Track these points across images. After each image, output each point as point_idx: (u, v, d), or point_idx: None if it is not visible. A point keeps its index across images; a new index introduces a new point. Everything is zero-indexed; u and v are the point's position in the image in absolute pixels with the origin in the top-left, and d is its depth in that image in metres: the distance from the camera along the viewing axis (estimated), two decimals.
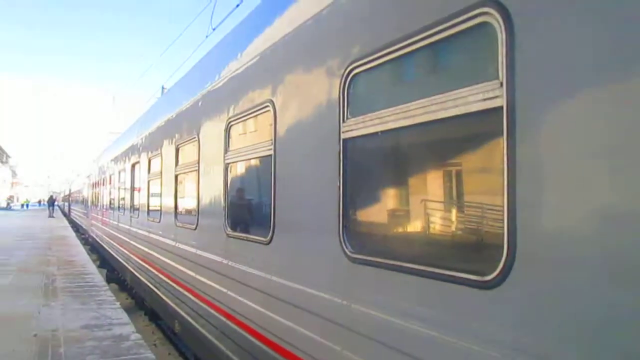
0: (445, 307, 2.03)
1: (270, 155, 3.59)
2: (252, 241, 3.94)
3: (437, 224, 2.46)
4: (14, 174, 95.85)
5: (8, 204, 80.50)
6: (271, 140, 3.60)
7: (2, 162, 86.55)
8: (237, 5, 11.17)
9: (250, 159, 4.16)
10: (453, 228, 2.31)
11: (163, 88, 27.23)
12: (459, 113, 1.98)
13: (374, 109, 2.50)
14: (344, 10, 2.84)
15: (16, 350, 5.54)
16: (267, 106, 3.70)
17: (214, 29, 13.75)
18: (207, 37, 15.16)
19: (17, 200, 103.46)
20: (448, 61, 2.34)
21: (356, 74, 2.67)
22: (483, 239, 2.07)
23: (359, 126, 2.62)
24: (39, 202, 75.16)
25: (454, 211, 2.35)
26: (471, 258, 2.12)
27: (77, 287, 9.49)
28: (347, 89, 2.73)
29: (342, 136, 2.73)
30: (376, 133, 2.49)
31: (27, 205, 70.77)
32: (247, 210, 4.38)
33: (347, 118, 2.72)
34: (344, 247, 2.68)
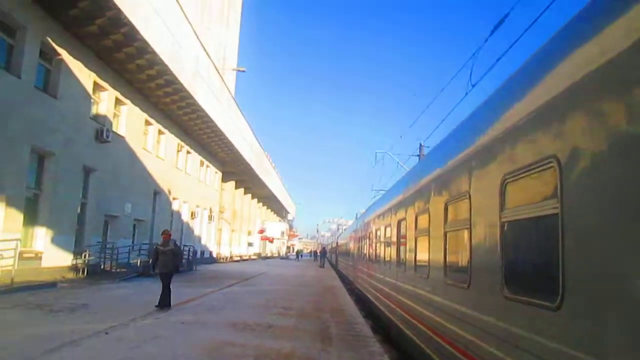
0: None
1: (557, 214, 3.37)
2: (535, 305, 3.69)
3: None
4: (290, 227, 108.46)
5: (286, 254, 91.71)
6: (557, 198, 3.40)
7: (282, 217, 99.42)
8: (497, 61, 11.05)
9: (529, 217, 3.96)
10: None
11: (421, 146, 28.31)
12: None
13: None
14: None
15: None
16: (550, 162, 3.52)
17: (473, 86, 13.76)
18: (466, 93, 15.17)
19: (293, 250, 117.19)
20: None
21: None
22: None
23: None
24: (310, 252, 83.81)
25: None
26: None
27: (348, 335, 10.13)
28: None
29: None
30: None
31: (301, 255, 79.69)
32: (529, 271, 4.13)
33: None
34: None
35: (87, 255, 20.61)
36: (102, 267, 21.91)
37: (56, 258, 18.94)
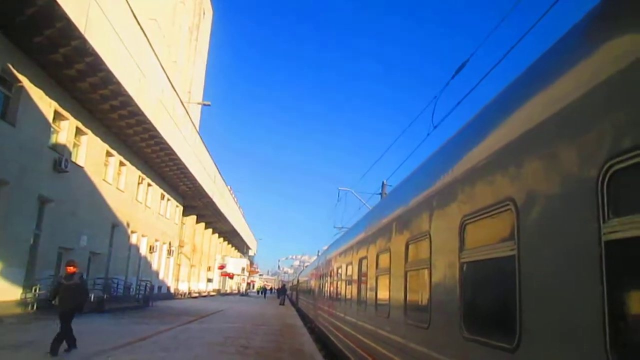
0: None
1: (514, 256, 3.45)
2: (493, 347, 3.72)
3: None
4: (251, 262, 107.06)
5: (246, 290, 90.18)
6: (514, 240, 3.48)
7: (243, 253, 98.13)
8: (457, 104, 11.41)
9: (487, 258, 4.04)
10: None
11: (383, 184, 28.64)
12: None
13: None
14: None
15: None
16: (507, 204, 3.62)
17: (435, 127, 14.12)
18: (428, 134, 15.51)
19: (253, 287, 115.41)
20: None
21: (618, 170, 2.49)
22: None
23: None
24: (270, 289, 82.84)
25: None
26: None
27: None
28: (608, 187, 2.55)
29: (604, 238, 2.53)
30: None
31: (265, 292, 78.51)
32: (487, 312, 4.18)
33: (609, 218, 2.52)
34: None
35: (37, 290, 19.76)
36: (52, 302, 20.95)
37: (3, 292, 18.08)
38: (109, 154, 28.10)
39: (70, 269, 11.17)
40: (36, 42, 17.67)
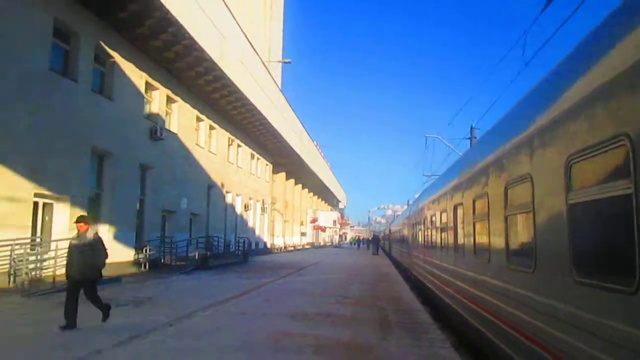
0: None
1: (629, 195, 3.21)
2: (609, 290, 3.53)
3: None
4: (342, 215, 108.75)
5: (339, 242, 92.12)
6: (629, 178, 3.23)
7: (334, 206, 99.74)
8: (552, 36, 10.60)
9: (599, 198, 3.78)
10: None
11: (472, 129, 27.64)
12: None
13: None
14: None
15: None
16: (621, 140, 3.34)
17: (526, 64, 13.28)
18: (519, 73, 14.68)
19: (345, 239, 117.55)
20: None
21: None
22: None
23: None
24: (363, 240, 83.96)
25: None
26: None
27: (407, 322, 10.06)
28: None
29: None
30: None
31: (358, 243, 78.80)
32: (601, 254, 3.96)
33: None
34: None
35: (147, 250, 21.32)
36: (162, 260, 22.60)
37: (119, 254, 19.68)
38: (199, 119, 29.24)
39: (81, 225, 8.82)
40: (122, 17, 18.44)
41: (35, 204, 15.77)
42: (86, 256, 8.55)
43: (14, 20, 14.47)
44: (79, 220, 8.91)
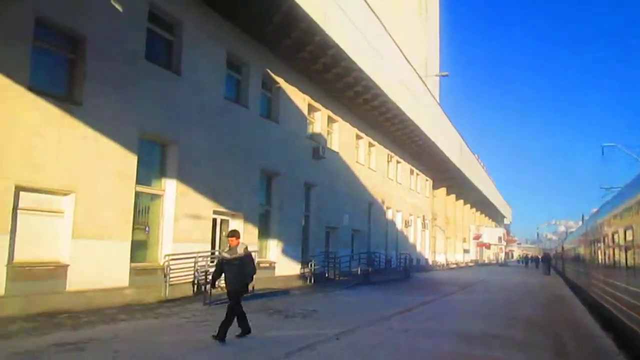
0: None
1: None
2: None
3: None
4: (507, 231, 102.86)
5: (504, 260, 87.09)
6: None
7: (498, 222, 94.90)
8: None
9: None
10: None
11: None
12: None
13: None
14: None
15: None
16: None
17: None
18: None
19: (512, 257, 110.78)
20: None
21: None
22: None
23: None
24: (531, 258, 78.28)
25: None
26: None
27: (587, 349, 9.13)
28: None
29: None
30: None
31: (527, 261, 73.18)
32: None
33: None
34: None
35: (312, 265, 22.21)
36: (326, 275, 23.37)
37: (286, 267, 20.82)
38: (358, 137, 29.94)
39: (232, 240, 8.98)
40: (285, 44, 19.67)
41: (214, 221, 17.36)
42: (235, 270, 8.77)
43: (198, 55, 16.25)
44: (231, 234, 9.07)
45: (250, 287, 9.30)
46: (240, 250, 8.82)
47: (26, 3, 10.85)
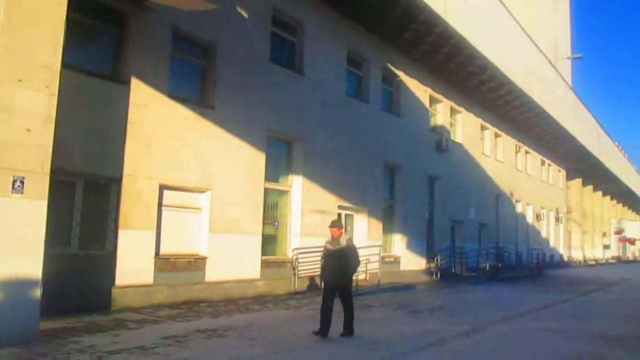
0: None
1: None
2: None
3: None
4: None
5: None
6: None
7: None
8: None
9: None
10: None
11: None
12: None
13: None
14: None
15: None
16: None
17: None
18: None
19: None
20: None
21: None
22: None
23: None
24: None
25: None
26: None
27: None
28: None
29: None
30: None
31: None
32: None
33: None
34: None
35: (438, 259, 21.83)
36: (452, 270, 22.85)
37: (411, 262, 20.64)
38: (483, 128, 28.80)
39: (334, 230, 8.59)
40: (405, 38, 19.46)
41: (339, 215, 17.71)
42: (339, 261, 8.34)
43: (319, 54, 16.66)
44: (333, 225, 8.69)
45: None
46: (342, 242, 8.45)
47: (165, 16, 11.82)
